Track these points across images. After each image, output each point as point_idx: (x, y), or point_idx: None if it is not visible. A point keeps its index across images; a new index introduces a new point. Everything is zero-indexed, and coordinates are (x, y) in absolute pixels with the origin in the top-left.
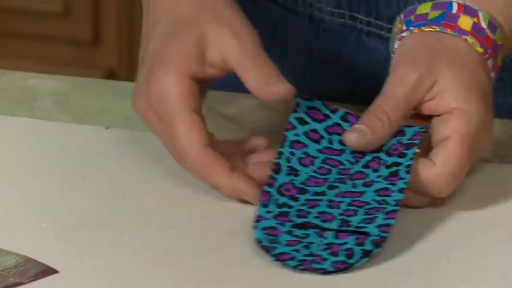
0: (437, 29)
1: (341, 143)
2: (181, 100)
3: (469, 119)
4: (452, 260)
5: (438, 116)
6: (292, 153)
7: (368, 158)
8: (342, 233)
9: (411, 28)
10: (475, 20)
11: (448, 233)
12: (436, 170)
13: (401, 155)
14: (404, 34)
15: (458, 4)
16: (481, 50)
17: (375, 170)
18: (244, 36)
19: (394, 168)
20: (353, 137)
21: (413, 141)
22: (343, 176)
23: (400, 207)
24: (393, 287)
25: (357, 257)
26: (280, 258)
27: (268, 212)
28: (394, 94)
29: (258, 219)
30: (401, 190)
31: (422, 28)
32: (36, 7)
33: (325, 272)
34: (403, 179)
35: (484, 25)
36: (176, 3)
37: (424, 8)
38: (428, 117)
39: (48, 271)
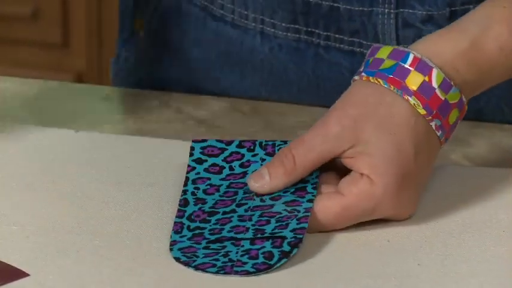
0: (382, 83)
1: (242, 166)
2: None
3: (371, 194)
4: (422, 262)
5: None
6: (197, 188)
7: None
8: (258, 239)
9: (362, 74)
10: (426, 78)
11: (418, 236)
12: (313, 218)
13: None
14: (356, 77)
15: (415, 57)
16: (423, 111)
17: None
18: None
19: (300, 185)
20: (254, 184)
21: None
22: (249, 194)
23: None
24: None
25: (276, 258)
26: (200, 267)
27: (182, 236)
28: (308, 140)
29: (173, 243)
30: (310, 200)
31: (369, 78)
32: (5, 10)
33: (248, 273)
34: (310, 193)
35: (435, 84)
36: None
37: (384, 53)
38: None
39: (19, 274)
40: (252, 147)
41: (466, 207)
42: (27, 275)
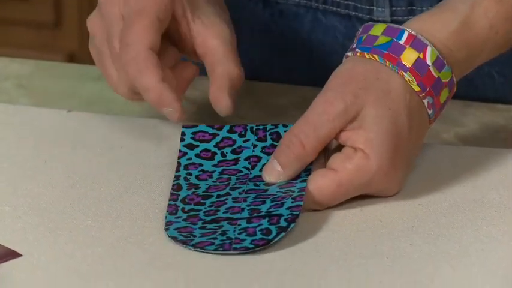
0: (377, 59)
1: (234, 152)
2: (153, 7)
3: (365, 169)
4: (414, 242)
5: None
6: (189, 174)
7: (264, 161)
8: (254, 218)
9: (356, 50)
10: (421, 55)
11: (410, 216)
12: (308, 196)
13: None
14: (349, 53)
15: (409, 34)
16: (417, 88)
17: None
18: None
19: None
20: (270, 178)
21: None
22: (243, 180)
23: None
24: (357, 270)
25: (274, 233)
26: (199, 246)
27: (177, 217)
28: (313, 121)
29: (168, 224)
30: (303, 181)
31: (364, 53)
32: None
33: (247, 249)
34: (303, 176)
35: (429, 61)
36: None
37: (377, 30)
38: None
39: (12, 254)
40: (243, 133)
41: (458, 187)
42: (20, 255)
